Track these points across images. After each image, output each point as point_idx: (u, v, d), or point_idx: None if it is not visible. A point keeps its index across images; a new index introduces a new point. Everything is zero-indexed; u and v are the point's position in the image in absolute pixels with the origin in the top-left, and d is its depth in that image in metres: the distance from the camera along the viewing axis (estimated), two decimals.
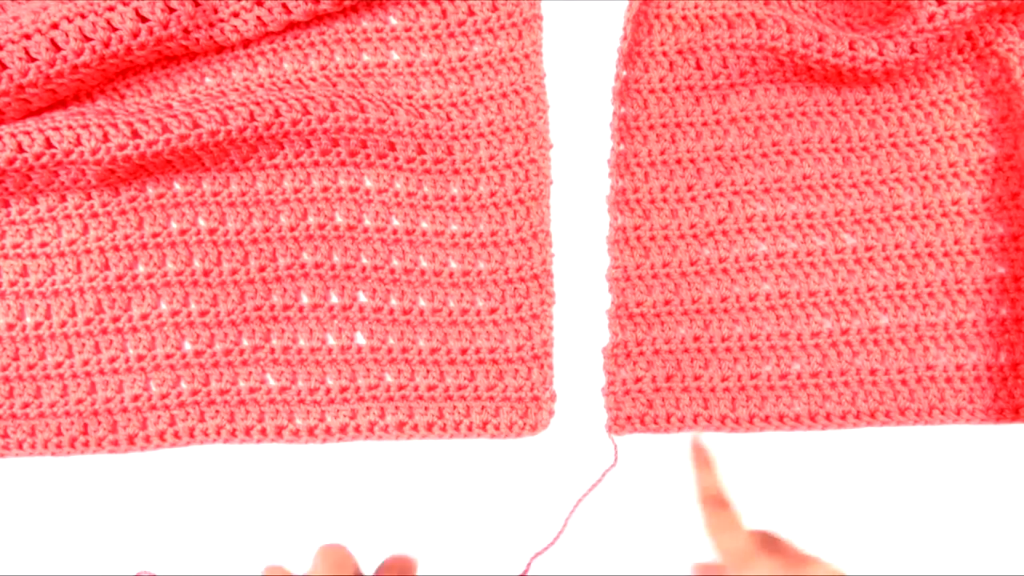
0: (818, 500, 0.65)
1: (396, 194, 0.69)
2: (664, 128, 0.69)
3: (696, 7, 0.69)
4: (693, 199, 0.69)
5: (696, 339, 0.68)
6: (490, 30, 0.69)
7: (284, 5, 0.68)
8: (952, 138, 0.68)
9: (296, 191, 0.69)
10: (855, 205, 0.68)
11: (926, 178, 0.68)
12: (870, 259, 0.68)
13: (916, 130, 0.68)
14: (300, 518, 0.68)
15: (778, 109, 0.69)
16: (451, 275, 0.68)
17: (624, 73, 0.69)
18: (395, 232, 0.69)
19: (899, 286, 0.67)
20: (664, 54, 0.69)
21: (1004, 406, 0.67)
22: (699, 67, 0.68)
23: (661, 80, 0.69)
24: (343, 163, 0.69)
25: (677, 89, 0.69)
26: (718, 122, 0.69)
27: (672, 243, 0.69)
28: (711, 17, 0.69)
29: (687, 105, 0.69)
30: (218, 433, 0.69)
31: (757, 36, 0.66)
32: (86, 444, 0.69)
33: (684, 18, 0.69)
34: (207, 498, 0.69)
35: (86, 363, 0.69)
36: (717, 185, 0.69)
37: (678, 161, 0.69)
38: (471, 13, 0.70)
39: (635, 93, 0.69)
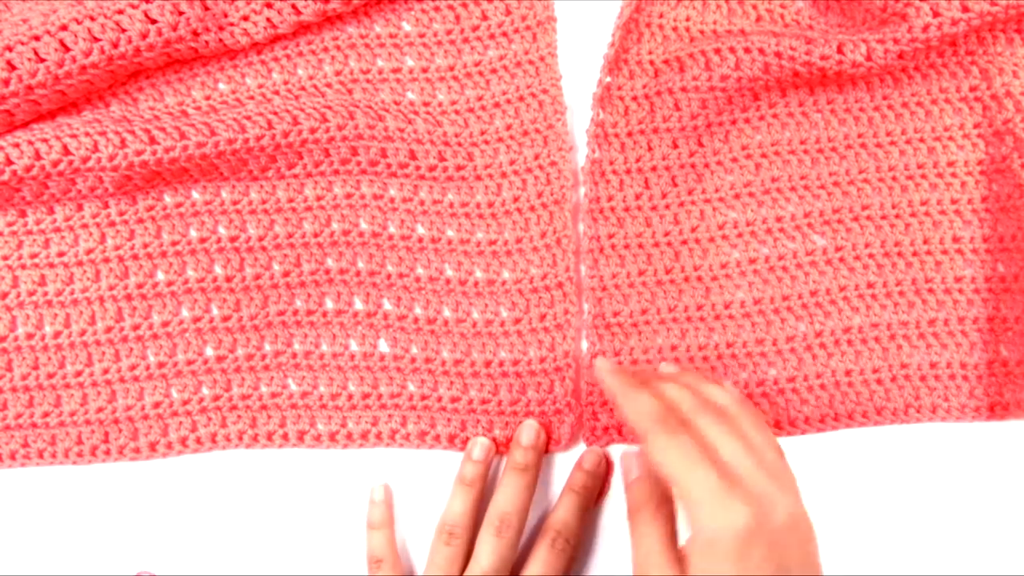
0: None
1: (422, 202, 0.65)
2: (642, 135, 0.66)
3: (688, 20, 0.66)
4: (667, 207, 0.66)
5: (673, 348, 0.65)
6: (504, 34, 0.66)
7: (293, 6, 0.64)
8: (921, 140, 0.66)
9: (319, 198, 0.66)
10: (824, 206, 0.66)
11: (894, 179, 0.66)
12: (840, 259, 0.65)
13: (885, 131, 0.66)
14: (317, 521, 0.66)
15: (750, 113, 0.66)
16: (476, 284, 0.65)
17: (608, 80, 0.65)
18: (420, 240, 0.66)
19: (870, 285, 0.65)
20: (651, 63, 0.66)
21: (979, 403, 0.65)
22: (682, 70, 0.65)
23: (644, 87, 0.66)
24: (364, 171, 0.66)
25: (658, 94, 0.65)
26: (695, 128, 0.65)
27: (647, 251, 0.66)
28: (701, 31, 0.66)
29: (665, 110, 0.65)
30: (240, 438, 0.66)
31: (744, 40, 0.63)
32: (107, 452, 0.65)
33: (675, 29, 0.66)
34: (225, 503, 0.66)
35: (106, 371, 0.66)
36: (690, 193, 0.66)
37: (653, 168, 0.66)
38: (484, 17, 0.66)
39: (617, 100, 0.66)
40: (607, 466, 0.66)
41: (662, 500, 0.56)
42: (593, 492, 0.64)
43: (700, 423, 0.54)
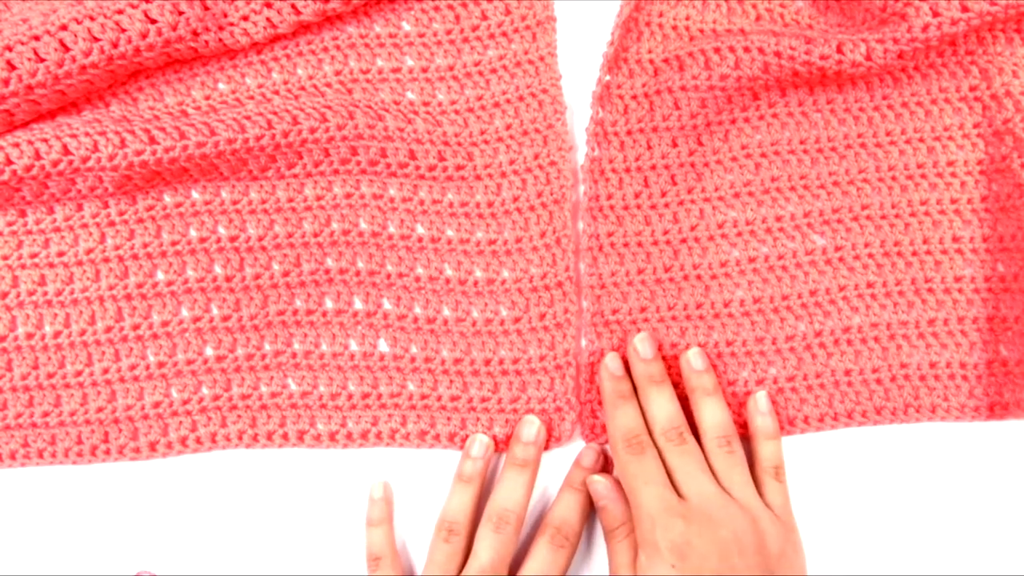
0: (797, 505, 0.64)
1: (421, 202, 0.65)
2: (641, 134, 0.66)
3: (687, 18, 0.66)
4: (666, 205, 0.66)
5: (673, 346, 0.65)
6: (504, 33, 0.66)
7: (293, 5, 0.64)
8: (921, 140, 0.66)
9: (318, 198, 0.66)
10: (824, 206, 0.65)
11: (894, 179, 0.65)
12: (840, 259, 0.65)
13: (885, 131, 0.66)
14: (317, 521, 0.66)
15: (750, 112, 0.66)
16: (475, 284, 0.65)
17: (607, 78, 0.65)
18: (420, 240, 0.65)
19: (870, 285, 0.65)
20: (651, 61, 0.65)
21: (979, 403, 0.65)
22: (681, 69, 0.65)
23: (644, 85, 0.65)
24: (363, 171, 0.65)
25: (658, 93, 0.65)
26: (695, 127, 0.65)
27: (646, 250, 0.66)
28: (700, 30, 0.66)
29: (664, 109, 0.65)
30: (240, 438, 0.65)
31: (744, 39, 0.63)
32: (107, 452, 0.65)
33: (675, 28, 0.66)
34: (225, 503, 0.66)
35: (106, 371, 0.65)
36: (689, 192, 0.66)
37: (652, 167, 0.66)
38: (484, 17, 0.66)
39: (616, 99, 0.65)
40: (605, 462, 0.66)
41: (633, 522, 0.61)
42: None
43: (664, 446, 0.61)
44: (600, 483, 0.62)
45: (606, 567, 0.63)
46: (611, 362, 0.64)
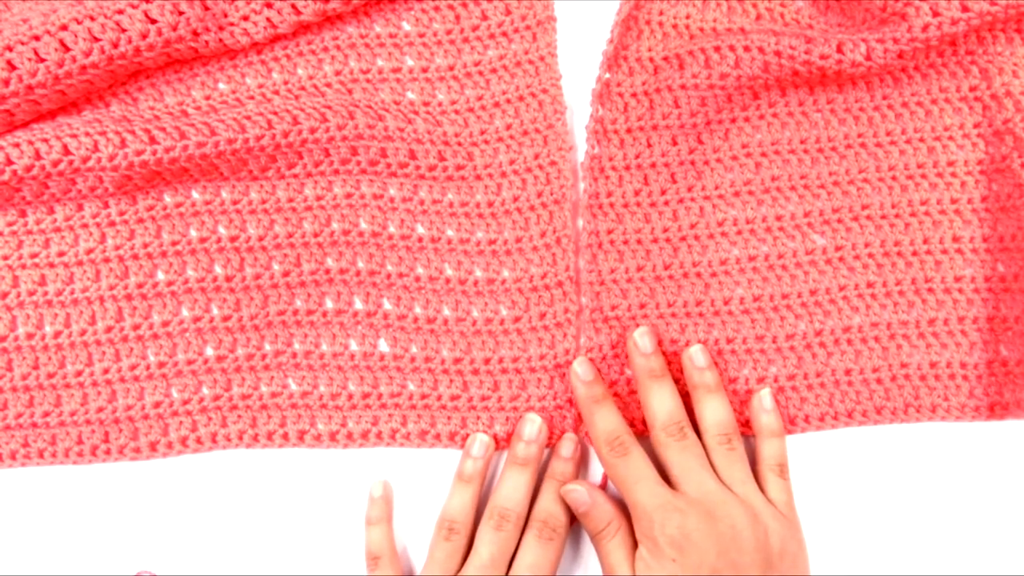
0: (797, 504, 0.64)
1: (421, 202, 0.66)
2: (641, 132, 0.66)
3: (688, 17, 0.66)
4: (666, 203, 0.66)
5: (673, 342, 0.65)
6: (504, 33, 0.66)
7: (293, 6, 0.64)
8: (921, 140, 0.66)
9: (318, 198, 0.66)
10: (824, 206, 0.65)
11: (894, 179, 0.65)
12: (840, 259, 0.65)
13: (885, 131, 0.66)
14: (317, 521, 0.66)
15: (750, 111, 0.66)
16: (475, 283, 0.65)
17: (607, 76, 0.65)
18: (420, 240, 0.66)
19: (870, 284, 0.65)
20: (651, 60, 0.66)
21: (979, 403, 0.65)
22: (681, 67, 0.65)
23: (644, 84, 0.66)
24: (364, 171, 0.66)
25: (657, 91, 0.65)
26: (695, 125, 0.65)
27: (645, 247, 0.66)
28: (700, 29, 0.66)
29: (664, 107, 0.65)
30: (240, 438, 0.65)
31: (744, 38, 0.63)
32: (107, 452, 0.65)
33: (675, 26, 0.66)
34: (225, 503, 0.66)
35: (106, 371, 0.65)
36: (689, 190, 0.66)
37: (652, 165, 0.66)
38: (484, 17, 0.66)
39: (616, 96, 0.66)
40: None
41: (621, 520, 0.62)
42: (572, 479, 0.64)
43: (664, 442, 0.62)
44: (576, 491, 0.62)
45: (597, 567, 0.63)
46: (579, 367, 0.64)
